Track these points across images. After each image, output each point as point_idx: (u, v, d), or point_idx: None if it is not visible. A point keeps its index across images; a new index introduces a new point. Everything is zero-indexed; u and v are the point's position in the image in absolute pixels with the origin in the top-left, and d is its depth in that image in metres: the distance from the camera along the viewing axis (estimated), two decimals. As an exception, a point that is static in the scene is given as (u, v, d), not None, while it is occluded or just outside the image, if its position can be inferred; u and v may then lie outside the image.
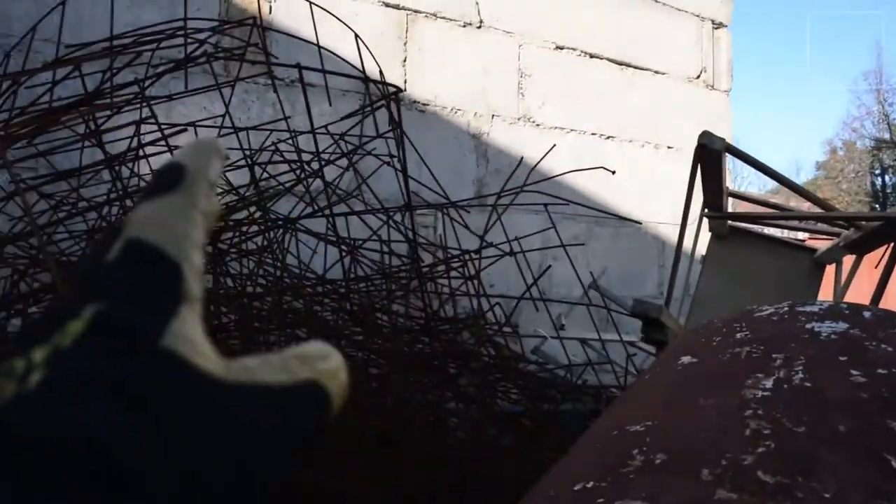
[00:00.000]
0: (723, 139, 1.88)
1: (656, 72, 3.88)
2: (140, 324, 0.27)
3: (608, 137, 3.70)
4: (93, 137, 1.54)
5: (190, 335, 0.28)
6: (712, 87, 4.07)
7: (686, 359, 0.76)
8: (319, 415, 0.32)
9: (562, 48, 3.59)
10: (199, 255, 0.31)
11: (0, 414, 0.24)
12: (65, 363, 0.25)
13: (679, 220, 2.17)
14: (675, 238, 3.58)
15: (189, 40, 1.59)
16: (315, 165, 1.83)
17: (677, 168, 3.82)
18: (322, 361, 0.32)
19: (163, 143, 1.49)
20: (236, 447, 0.27)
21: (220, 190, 1.89)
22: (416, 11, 3.19)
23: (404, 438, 1.48)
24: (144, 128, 1.63)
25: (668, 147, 3.88)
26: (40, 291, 1.39)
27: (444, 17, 3.26)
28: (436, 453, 1.54)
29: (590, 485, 0.58)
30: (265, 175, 1.83)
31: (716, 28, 4.10)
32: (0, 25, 2.42)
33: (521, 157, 2.39)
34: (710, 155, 1.91)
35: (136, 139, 1.57)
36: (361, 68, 1.71)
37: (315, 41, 1.70)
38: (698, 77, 4.02)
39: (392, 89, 1.67)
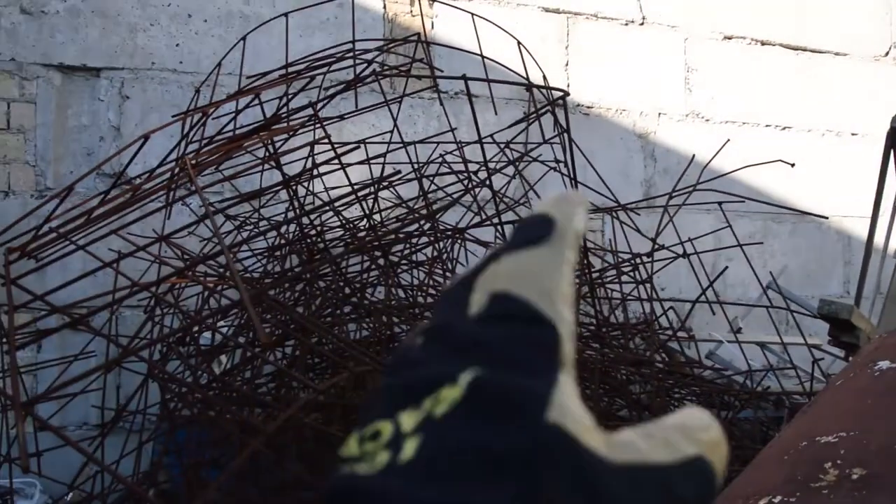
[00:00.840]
0: (919, 122, 1.74)
1: (836, 53, 3.64)
2: (522, 394, 0.25)
3: (784, 128, 3.51)
4: (272, 160, 1.64)
5: (573, 408, 0.25)
6: (902, 64, 3.77)
7: (885, 364, 0.71)
8: (705, 493, 0.28)
9: (730, 38, 3.44)
10: (571, 314, 0.28)
11: (377, 484, 0.23)
12: (442, 433, 0.24)
13: (866, 213, 2.03)
14: (861, 232, 3.34)
15: (357, 61, 1.66)
16: (482, 175, 1.86)
17: (862, 156, 3.56)
18: (704, 432, 0.29)
19: (335, 161, 1.56)
20: None
21: (389, 204, 1.96)
22: (576, 14, 3.17)
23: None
24: (318, 147, 1.71)
25: (852, 134, 3.63)
26: (228, 307, 1.49)
27: (605, 17, 3.22)
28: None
29: (777, 500, 0.55)
30: (433, 187, 1.88)
31: (908, -3, 3.79)
32: (190, 65, 2.63)
33: (693, 155, 2.31)
34: (904, 140, 1.78)
35: (310, 159, 1.65)
36: (525, 75, 1.72)
37: (478, 52, 1.73)
38: (886, 54, 3.73)
39: (558, 94, 1.66)
